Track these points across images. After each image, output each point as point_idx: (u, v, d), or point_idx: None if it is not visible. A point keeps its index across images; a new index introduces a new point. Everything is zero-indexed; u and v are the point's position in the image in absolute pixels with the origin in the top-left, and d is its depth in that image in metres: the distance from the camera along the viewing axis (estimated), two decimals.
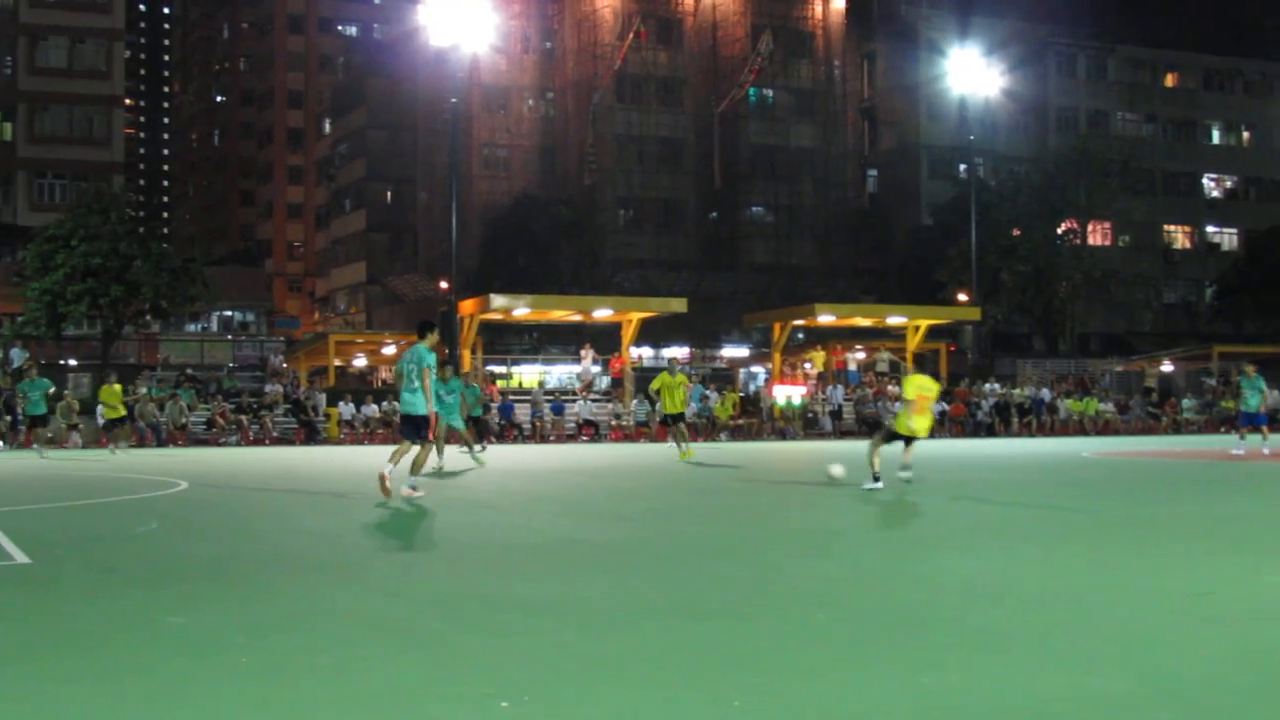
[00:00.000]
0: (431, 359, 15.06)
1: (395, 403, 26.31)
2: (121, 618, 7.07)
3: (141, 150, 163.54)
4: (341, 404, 39.89)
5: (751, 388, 49.97)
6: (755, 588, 8.21)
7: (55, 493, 17.14)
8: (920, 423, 16.51)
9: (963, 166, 69.26)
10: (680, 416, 26.03)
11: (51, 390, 27.96)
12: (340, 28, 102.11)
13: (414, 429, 15.02)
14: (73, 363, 48.08)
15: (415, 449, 15.05)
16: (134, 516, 13.84)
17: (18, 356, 39.06)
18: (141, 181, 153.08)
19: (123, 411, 29.16)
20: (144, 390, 37.38)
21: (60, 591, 8.12)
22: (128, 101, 71.08)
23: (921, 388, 16.51)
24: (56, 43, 64.05)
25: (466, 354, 42.09)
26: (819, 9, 75.62)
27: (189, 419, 37.99)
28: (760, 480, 19.94)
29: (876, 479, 15.76)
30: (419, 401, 14.89)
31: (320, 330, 71.67)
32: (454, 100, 45.21)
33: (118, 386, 29.19)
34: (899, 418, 16.63)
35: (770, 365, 49.62)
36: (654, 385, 26.60)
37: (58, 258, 45.12)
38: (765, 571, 9.03)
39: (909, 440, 16.68)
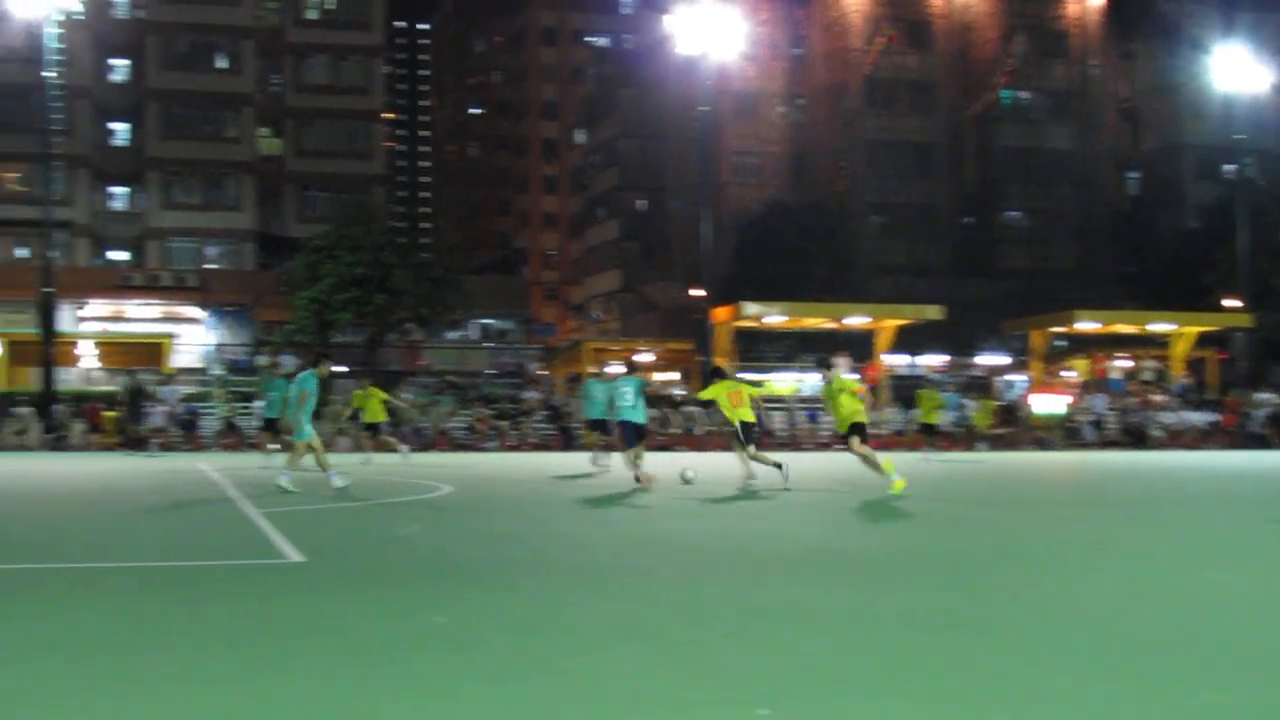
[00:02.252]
0: (634, 384, 19.55)
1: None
2: (387, 615, 7.36)
3: (401, 162, 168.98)
4: None
5: (1010, 396, 48.88)
6: (1012, 602, 8.09)
7: (324, 495, 17.86)
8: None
9: (1230, 167, 66.34)
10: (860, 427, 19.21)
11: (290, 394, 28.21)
12: (592, 39, 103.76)
13: (635, 434, 19.48)
14: (340, 369, 50.01)
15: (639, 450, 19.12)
16: (398, 519, 14.34)
17: (289, 362, 40.80)
18: (402, 193, 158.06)
19: (383, 417, 29.74)
20: (408, 396, 38.63)
21: (332, 590, 8.50)
22: (387, 115, 73.63)
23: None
24: (320, 60, 66.87)
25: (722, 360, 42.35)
26: (1075, 8, 73.58)
27: (450, 425, 39.15)
28: (1022, 491, 19.54)
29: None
30: (637, 412, 19.46)
31: (575, 338, 72.82)
32: (704, 108, 45.50)
33: (376, 391, 29.83)
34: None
35: (1028, 373, 48.47)
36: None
37: (324, 267, 46.94)
38: (1021, 586, 8.89)
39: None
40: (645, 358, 50.92)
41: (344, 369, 49.71)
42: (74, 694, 5.38)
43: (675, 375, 52.02)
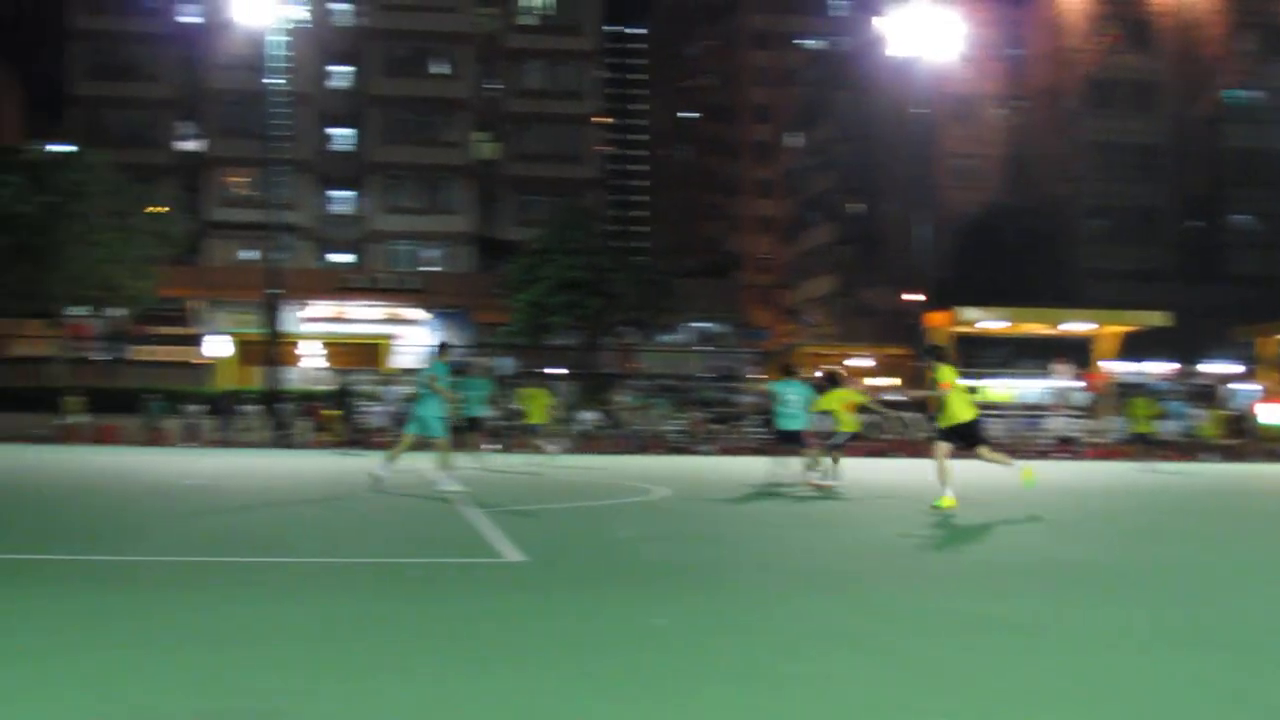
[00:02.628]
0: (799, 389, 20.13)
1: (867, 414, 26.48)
2: (607, 616, 7.38)
3: (615, 166, 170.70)
4: None
5: (1236, 405, 47.05)
6: (1265, 618, 7.76)
7: (541, 495, 18.06)
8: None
9: None
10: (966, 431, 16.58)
11: (490, 394, 28.25)
12: (805, 42, 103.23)
13: (790, 441, 20.16)
14: (556, 370, 50.68)
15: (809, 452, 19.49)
16: (615, 520, 14.45)
17: (505, 365, 41.53)
18: (616, 197, 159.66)
19: (543, 419, 29.63)
20: (624, 399, 38.99)
21: (552, 589, 8.57)
22: (601, 120, 74.43)
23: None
24: (536, 66, 67.95)
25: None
26: None
27: (665, 427, 39.39)
28: (1254, 503, 18.77)
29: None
30: (796, 420, 20.06)
31: (789, 342, 72.57)
32: (920, 110, 44.91)
33: (541, 393, 29.87)
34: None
35: (1258, 382, 46.62)
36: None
37: (541, 270, 47.76)
38: (1270, 603, 8.52)
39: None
40: (861, 363, 50.49)
41: (560, 371, 50.44)
42: (307, 679, 5.52)
43: (894, 380, 51.52)
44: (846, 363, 50.88)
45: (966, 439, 15.72)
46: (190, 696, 5.24)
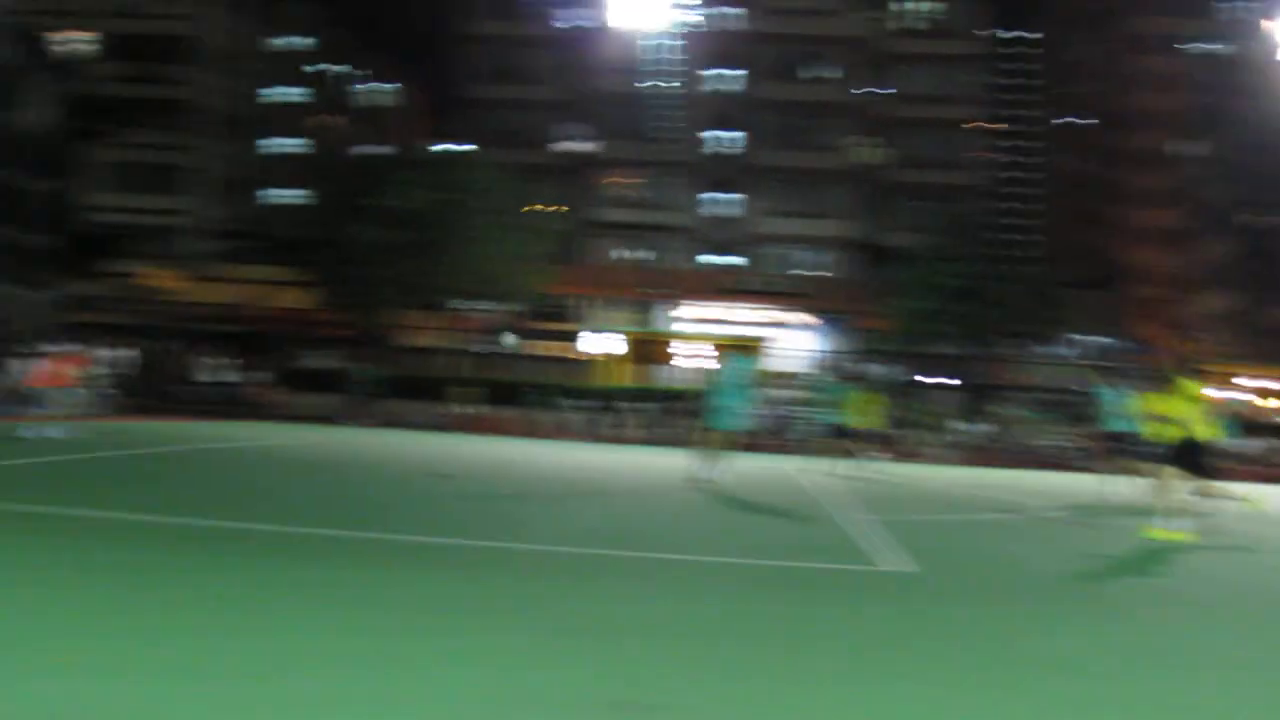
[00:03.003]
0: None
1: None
2: (1002, 633, 7.45)
3: (1001, 173, 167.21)
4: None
5: None
6: None
7: (932, 505, 18.01)
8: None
9: None
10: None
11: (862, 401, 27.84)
12: (1197, 46, 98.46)
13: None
14: (935, 380, 49.99)
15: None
16: (1008, 535, 14.36)
17: (886, 373, 41.21)
18: (1002, 204, 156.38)
19: (877, 423, 28.78)
20: (1019, 412, 38.30)
21: (947, 602, 8.66)
22: (985, 125, 73.23)
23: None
24: (922, 70, 67.39)
25: None
26: None
27: (1053, 443, 38.45)
28: None
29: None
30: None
31: (1178, 358, 69.38)
32: None
33: (879, 397, 29.05)
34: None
35: None
36: None
37: (924, 277, 47.35)
38: None
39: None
40: (1256, 382, 48.00)
41: (939, 381, 49.84)
42: (706, 677, 5.73)
43: None
44: (1235, 380, 48.48)
45: None
46: (597, 686, 5.50)
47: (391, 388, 41.22)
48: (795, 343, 56.95)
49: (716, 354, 31.75)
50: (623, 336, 49.70)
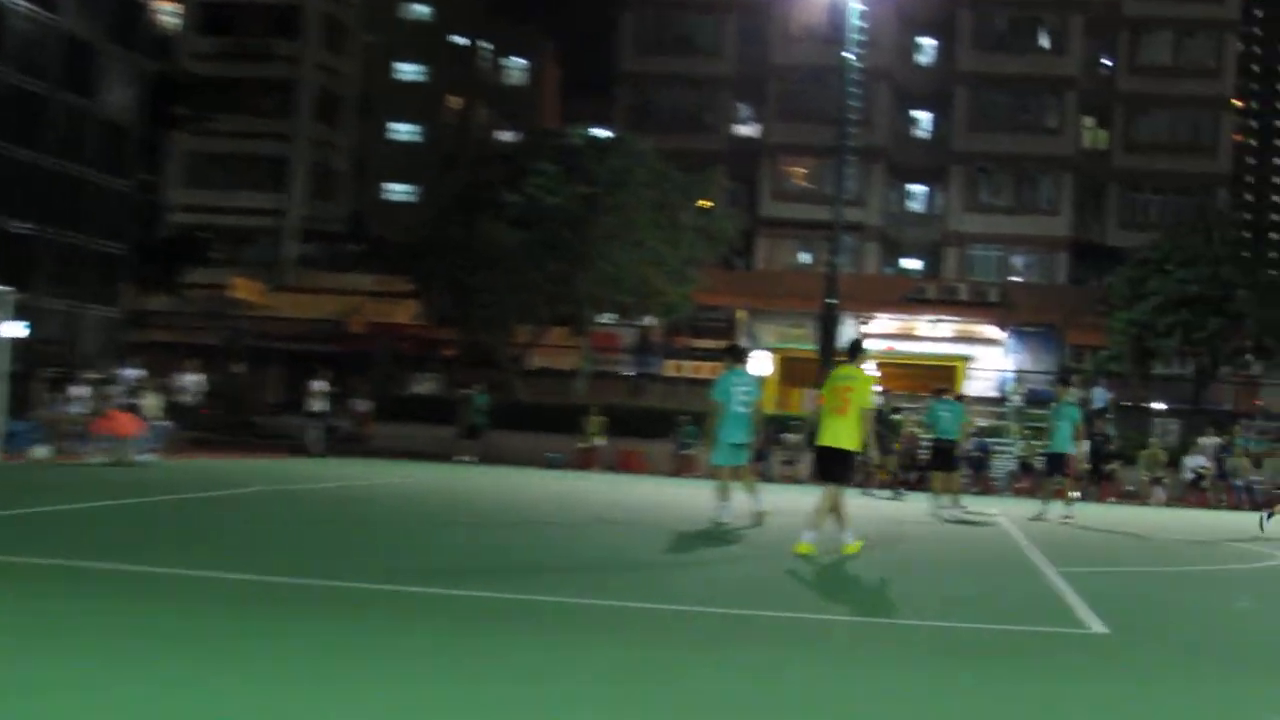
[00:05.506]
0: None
1: None
2: (1205, 706, 7.21)
3: (1251, 160, 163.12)
4: None
5: None
6: None
7: (1135, 555, 17.71)
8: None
9: None
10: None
11: (1079, 423, 26.94)
12: None
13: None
14: (1160, 406, 49.06)
15: None
16: (1223, 589, 14.06)
17: (1100, 397, 40.43)
18: (1250, 196, 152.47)
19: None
20: (1238, 443, 37.36)
21: (1136, 668, 8.43)
22: (1238, 103, 71.34)
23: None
24: (1161, 37, 65.93)
25: None
26: None
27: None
28: None
29: None
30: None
31: None
32: None
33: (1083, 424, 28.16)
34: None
35: None
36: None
37: (1150, 284, 46.32)
38: None
39: None
40: None
41: (1164, 406, 48.77)
42: None
43: None
44: None
45: None
46: None
47: (515, 417, 40.54)
48: (998, 362, 56.18)
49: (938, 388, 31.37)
50: (791, 355, 49.43)
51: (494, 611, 9.54)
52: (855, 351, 16.14)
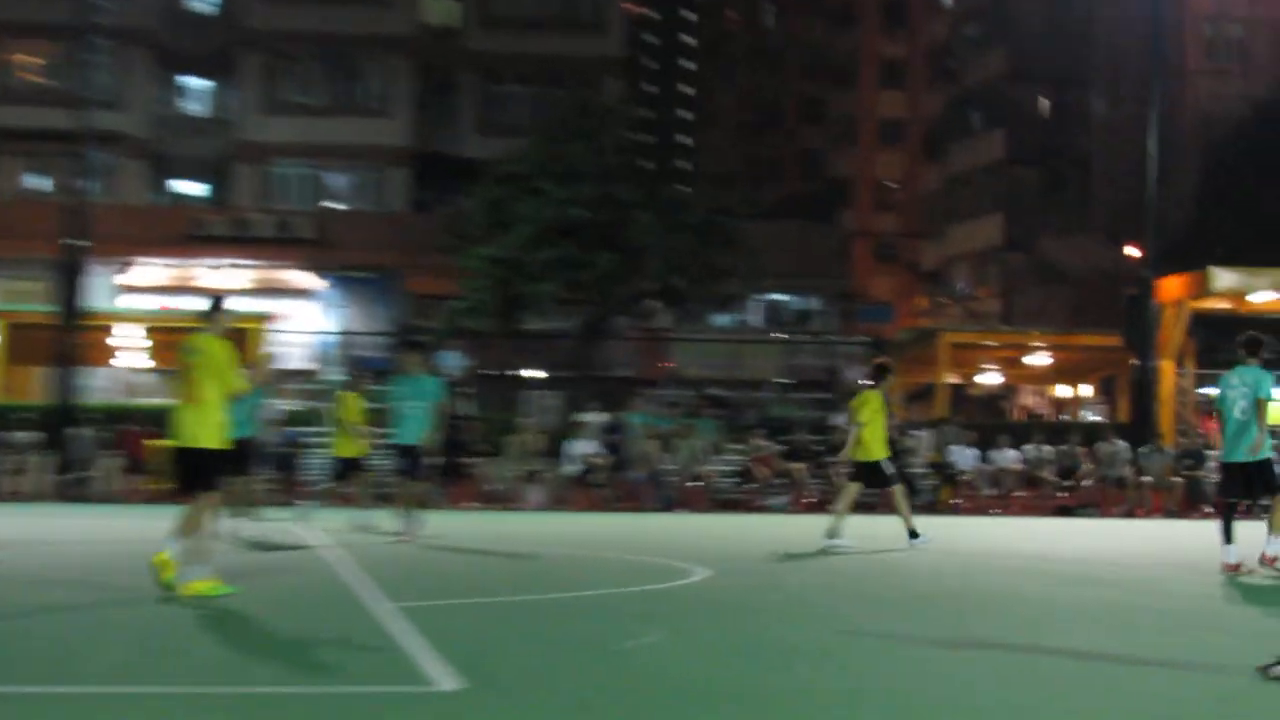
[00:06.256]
0: None
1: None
2: None
3: (653, 39, 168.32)
4: (956, 447, 40.01)
5: None
6: None
7: (517, 580, 18.10)
8: None
9: None
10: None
11: (440, 402, 26.96)
12: None
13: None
14: (535, 374, 50.33)
15: None
16: (622, 621, 14.44)
17: (452, 363, 40.69)
18: (653, 87, 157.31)
19: (356, 450, 28.64)
20: (635, 419, 38.67)
21: None
22: None
23: None
24: None
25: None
26: None
27: (712, 467, 39.07)
28: None
29: None
30: None
31: (927, 326, 72.26)
32: None
33: (353, 398, 28.94)
34: None
35: None
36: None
37: (518, 208, 47.10)
38: None
39: None
40: (1040, 360, 50.19)
41: (541, 374, 50.09)
42: None
43: (1087, 389, 51.39)
44: (1028, 360, 50.70)
45: None
46: None
47: None
48: (314, 320, 56.39)
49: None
50: (18, 320, 48.01)
51: None
52: (214, 312, 16.33)
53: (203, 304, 16.54)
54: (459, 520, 29.84)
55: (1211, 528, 20.93)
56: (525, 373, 49.72)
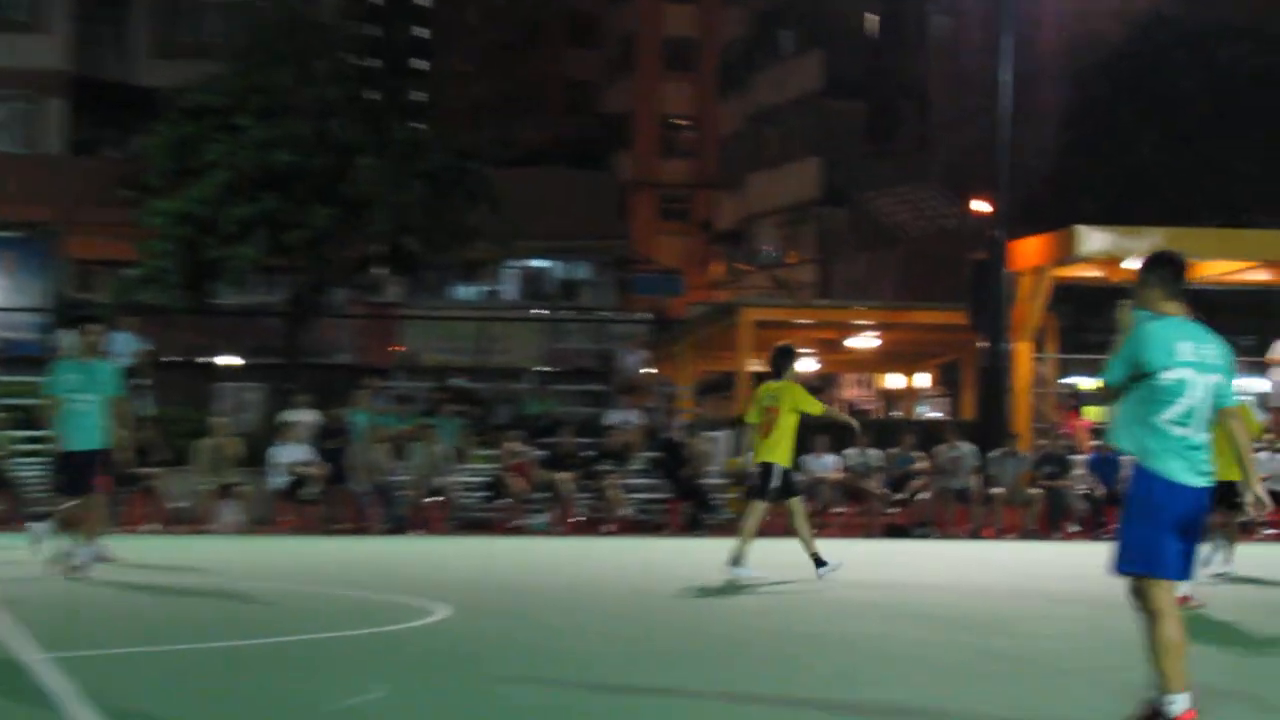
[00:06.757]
0: None
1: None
2: None
3: None
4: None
5: None
6: None
7: (207, 623, 18.01)
8: None
9: None
10: None
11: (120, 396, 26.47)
12: None
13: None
14: (231, 361, 50.23)
15: None
16: (337, 674, 14.41)
17: (125, 346, 39.48)
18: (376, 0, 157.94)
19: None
20: (359, 419, 38.60)
21: None
22: None
23: None
24: None
25: None
26: None
27: (454, 478, 39.12)
28: None
29: None
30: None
31: (724, 300, 72.80)
32: None
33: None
34: None
35: None
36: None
37: (208, 151, 46.91)
38: None
39: None
40: (866, 342, 50.70)
41: (238, 362, 49.96)
42: None
43: (924, 379, 52.12)
44: (850, 343, 51.34)
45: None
46: None
47: None
48: None
49: None
50: None
51: None
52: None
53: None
54: (134, 546, 29.52)
55: (1076, 550, 21.29)
56: (219, 360, 49.55)
